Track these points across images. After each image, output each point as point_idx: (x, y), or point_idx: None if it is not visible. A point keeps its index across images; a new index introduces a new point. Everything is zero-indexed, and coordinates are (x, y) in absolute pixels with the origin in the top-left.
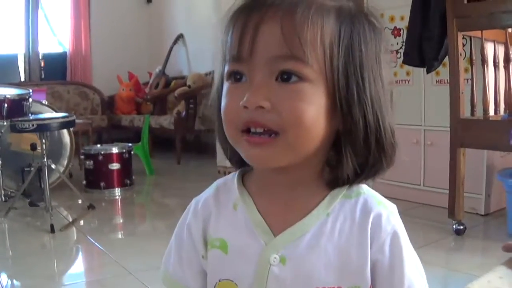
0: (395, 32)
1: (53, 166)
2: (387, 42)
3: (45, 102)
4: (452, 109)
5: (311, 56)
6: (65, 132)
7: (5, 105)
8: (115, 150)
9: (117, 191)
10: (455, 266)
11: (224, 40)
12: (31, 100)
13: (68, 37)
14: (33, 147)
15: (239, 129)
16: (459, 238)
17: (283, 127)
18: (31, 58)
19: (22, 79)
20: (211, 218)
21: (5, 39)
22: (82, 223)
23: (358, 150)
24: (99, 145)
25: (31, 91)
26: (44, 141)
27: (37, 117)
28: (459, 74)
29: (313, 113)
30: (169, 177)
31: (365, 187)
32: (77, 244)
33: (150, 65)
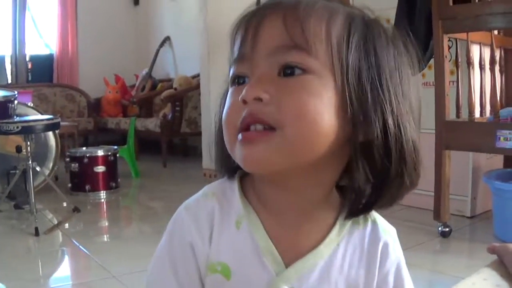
0: None
1: (38, 168)
2: (411, 59)
3: (31, 104)
4: (437, 111)
5: (315, 46)
6: (50, 134)
7: None
8: (100, 152)
9: (103, 194)
10: (440, 268)
11: (231, 43)
12: (16, 102)
13: (55, 39)
14: (18, 150)
15: (237, 130)
16: (445, 240)
17: (282, 121)
18: (18, 60)
19: (9, 81)
20: (213, 235)
21: None
22: (67, 226)
23: (377, 162)
24: (84, 148)
25: (17, 93)
26: (29, 143)
27: (22, 119)
28: (445, 76)
29: (318, 106)
30: (155, 180)
31: (371, 213)
32: (62, 247)
33: (136, 68)
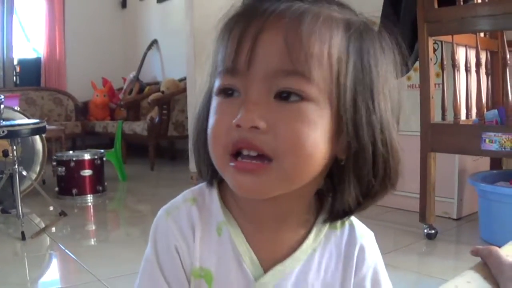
0: None
1: (24, 173)
2: (396, 59)
3: (18, 108)
4: (422, 113)
5: (316, 72)
6: (37, 138)
7: None
8: (87, 156)
9: (89, 198)
10: (426, 270)
11: (216, 50)
12: (2, 106)
13: (42, 43)
14: (5, 154)
15: (228, 152)
16: (430, 242)
17: (279, 152)
18: (5, 64)
19: None
20: (196, 240)
21: None
22: (53, 230)
23: (363, 177)
24: (71, 152)
25: (3, 97)
26: (15, 147)
27: (8, 123)
28: (430, 78)
29: (315, 138)
30: (142, 183)
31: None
32: (49, 251)
33: (124, 71)
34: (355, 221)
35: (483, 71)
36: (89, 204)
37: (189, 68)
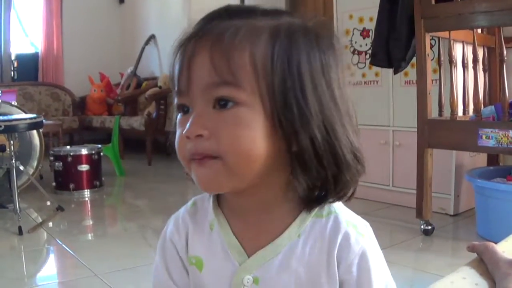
0: (364, 33)
1: (22, 167)
2: (340, 56)
3: (15, 103)
4: (419, 109)
5: (242, 79)
6: (35, 133)
7: None
8: (84, 151)
9: (87, 193)
10: (423, 266)
11: (170, 71)
12: (0, 101)
13: (40, 38)
14: (2, 149)
15: (188, 158)
16: (427, 238)
17: (221, 153)
18: (3, 58)
19: None
20: (189, 234)
21: None
22: (51, 225)
23: (312, 169)
24: (68, 147)
25: (1, 92)
26: (12, 142)
27: (5, 118)
28: (427, 74)
29: (251, 137)
30: (139, 178)
31: (336, 206)
32: (46, 246)
33: (121, 66)
34: (344, 211)
35: (480, 67)
36: (86, 199)
37: None
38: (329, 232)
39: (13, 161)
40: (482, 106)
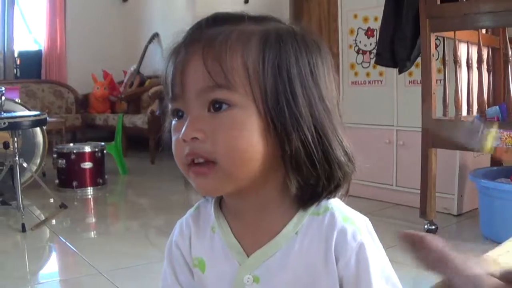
0: (369, 32)
1: (25, 164)
2: (326, 57)
3: (18, 100)
4: (424, 109)
5: (236, 82)
6: (38, 131)
7: None
8: (88, 149)
9: (90, 190)
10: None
11: (163, 78)
12: (3, 98)
13: (43, 35)
14: (6, 146)
15: (186, 163)
16: None
17: (217, 156)
18: (6, 56)
19: None
20: (192, 237)
21: None
22: (54, 222)
23: (304, 168)
24: (71, 144)
25: (4, 89)
26: (16, 139)
27: (9, 115)
28: (432, 74)
29: (246, 138)
30: (142, 176)
31: (333, 202)
32: (49, 243)
33: (125, 64)
34: (342, 207)
35: (484, 67)
36: (89, 196)
37: None
38: (325, 229)
39: (17, 158)
40: (486, 106)
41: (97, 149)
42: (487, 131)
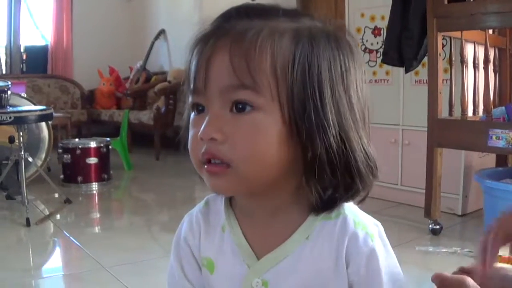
0: (376, 31)
1: (30, 159)
2: (358, 58)
3: (24, 95)
4: (430, 109)
5: (262, 84)
6: (43, 125)
7: None
8: (93, 144)
9: (95, 186)
10: (430, 265)
11: (186, 69)
12: (9, 92)
13: (50, 30)
14: (11, 140)
15: (201, 161)
16: (435, 237)
17: (233, 159)
18: (13, 50)
19: (3, 71)
20: (202, 235)
21: None
22: (58, 217)
23: (324, 177)
24: (77, 139)
25: (10, 84)
26: (21, 134)
27: (15, 109)
28: (438, 74)
29: (266, 145)
30: (147, 172)
31: (346, 206)
32: (53, 238)
33: (131, 60)
34: (355, 211)
35: (491, 68)
36: (94, 192)
37: None
38: (337, 233)
39: (22, 153)
40: (492, 106)
41: (102, 145)
42: None
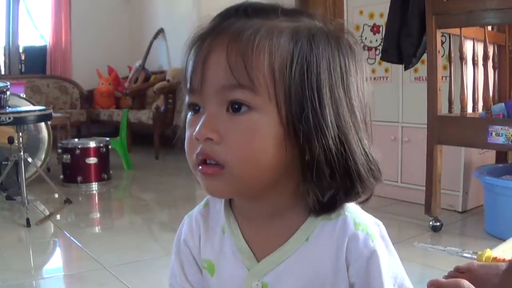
0: (374, 29)
1: (30, 159)
2: (360, 59)
3: (23, 95)
4: (429, 106)
5: (259, 84)
6: (43, 126)
7: None
8: (93, 144)
9: (94, 186)
10: (431, 262)
11: (183, 68)
12: (8, 93)
13: (48, 31)
14: (10, 141)
15: (195, 162)
16: (435, 234)
17: (228, 160)
18: (11, 51)
19: (2, 72)
20: (201, 237)
21: None
22: (58, 217)
23: (322, 179)
24: (76, 139)
25: (9, 84)
26: (20, 134)
27: (14, 110)
28: (437, 71)
29: (262, 146)
30: (147, 172)
31: (347, 206)
32: (53, 238)
33: (130, 60)
34: (356, 212)
35: (490, 64)
36: (94, 192)
37: None
38: (337, 235)
39: (21, 153)
40: (491, 103)
41: (101, 145)
42: None
